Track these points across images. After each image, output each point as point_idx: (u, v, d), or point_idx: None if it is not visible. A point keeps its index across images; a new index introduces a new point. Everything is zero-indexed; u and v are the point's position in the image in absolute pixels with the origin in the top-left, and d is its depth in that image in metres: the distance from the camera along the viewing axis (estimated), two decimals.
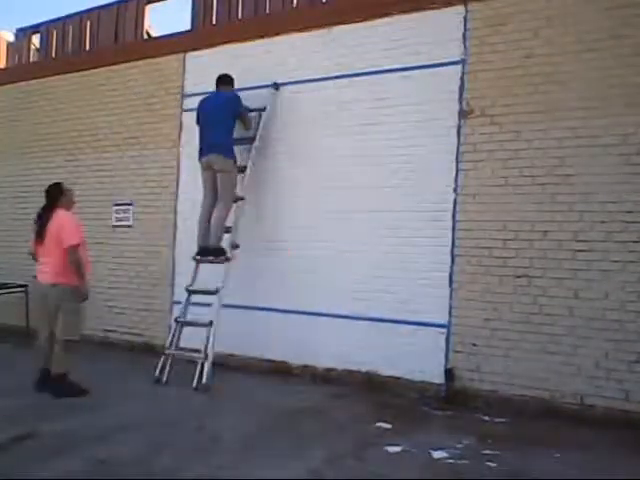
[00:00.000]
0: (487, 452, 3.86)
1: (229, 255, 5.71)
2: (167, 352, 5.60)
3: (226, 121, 5.82)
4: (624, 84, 4.62)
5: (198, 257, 5.87)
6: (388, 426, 4.38)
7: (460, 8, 5.27)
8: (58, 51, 8.33)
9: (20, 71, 8.63)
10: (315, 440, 4.02)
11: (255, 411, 4.71)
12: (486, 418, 4.66)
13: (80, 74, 7.82)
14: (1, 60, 9.01)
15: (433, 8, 5.39)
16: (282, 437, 4.09)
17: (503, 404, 4.82)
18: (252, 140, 6.06)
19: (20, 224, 8.29)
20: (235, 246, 5.80)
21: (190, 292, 5.88)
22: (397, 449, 3.88)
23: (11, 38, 9.04)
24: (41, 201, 8.24)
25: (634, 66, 4.59)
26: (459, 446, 3.96)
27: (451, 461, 3.71)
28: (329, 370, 5.69)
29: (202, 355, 5.34)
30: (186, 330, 5.73)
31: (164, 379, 5.47)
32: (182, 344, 5.67)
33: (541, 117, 4.88)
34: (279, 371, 5.76)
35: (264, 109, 6.10)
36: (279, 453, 3.78)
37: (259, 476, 3.39)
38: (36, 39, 8.69)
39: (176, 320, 5.81)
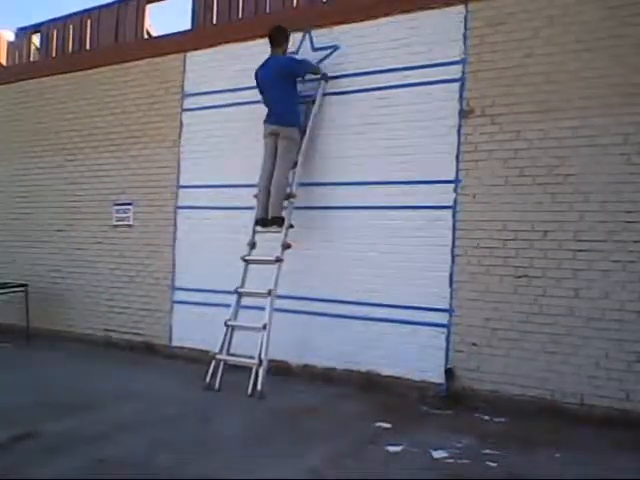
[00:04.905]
0: (487, 452, 3.86)
1: (281, 256, 5.49)
2: (218, 357, 5.37)
3: (286, 88, 5.68)
4: (624, 84, 4.61)
5: (259, 228, 5.69)
6: (388, 426, 4.38)
7: (460, 8, 5.26)
8: (58, 50, 8.32)
9: (20, 70, 8.63)
10: (315, 440, 4.02)
11: (255, 410, 4.72)
12: (486, 418, 4.66)
13: (80, 74, 7.81)
14: (1, 59, 9.01)
15: (433, 8, 5.39)
16: (282, 436, 4.10)
17: (503, 404, 4.82)
18: (303, 133, 5.81)
19: (20, 224, 8.32)
20: (287, 246, 5.55)
21: (240, 294, 5.64)
22: (397, 449, 3.88)
23: (11, 37, 9.03)
24: (40, 201, 8.32)
25: (634, 66, 4.59)
26: (459, 446, 3.96)
27: (451, 461, 3.71)
28: (329, 370, 5.69)
29: (256, 361, 5.12)
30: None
31: (216, 385, 5.27)
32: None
33: (541, 117, 4.87)
34: (279, 370, 5.76)
35: (313, 101, 5.88)
36: (279, 452, 3.78)
37: (259, 475, 3.39)
38: (36, 39, 8.68)
39: (226, 324, 5.52)
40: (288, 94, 5.74)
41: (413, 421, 4.55)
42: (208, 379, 5.32)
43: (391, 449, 3.87)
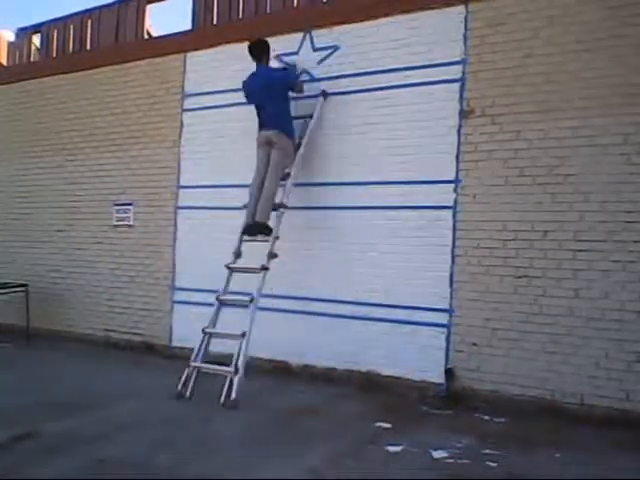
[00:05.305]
0: (487, 452, 3.86)
1: (267, 264, 5.36)
2: (192, 364, 5.14)
3: (280, 100, 5.68)
4: (624, 84, 4.61)
5: (246, 237, 5.62)
6: (388, 426, 4.38)
7: (461, 8, 5.26)
8: (59, 51, 8.33)
9: (21, 70, 8.63)
10: (315, 440, 4.02)
11: (255, 410, 4.71)
12: (486, 418, 4.66)
13: (81, 74, 7.82)
14: (2, 59, 9.01)
15: (434, 8, 5.39)
16: (282, 436, 4.10)
17: (503, 404, 4.82)
18: (297, 147, 5.79)
19: (20, 224, 8.32)
20: (273, 256, 5.41)
21: (221, 303, 5.48)
22: (397, 449, 3.88)
23: (12, 37, 9.04)
24: (40, 201, 8.32)
25: (634, 66, 4.59)
26: (459, 446, 3.96)
27: (451, 461, 3.71)
28: (329, 370, 5.69)
29: (231, 369, 4.86)
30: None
31: (187, 394, 5.01)
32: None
33: (541, 117, 4.88)
34: (279, 370, 5.76)
35: (311, 117, 5.86)
36: (279, 452, 3.78)
37: (259, 475, 3.40)
38: (37, 39, 8.68)
39: (203, 331, 5.32)
40: (283, 105, 5.72)
41: (413, 421, 4.55)
42: (180, 387, 5.06)
43: (391, 449, 3.87)
